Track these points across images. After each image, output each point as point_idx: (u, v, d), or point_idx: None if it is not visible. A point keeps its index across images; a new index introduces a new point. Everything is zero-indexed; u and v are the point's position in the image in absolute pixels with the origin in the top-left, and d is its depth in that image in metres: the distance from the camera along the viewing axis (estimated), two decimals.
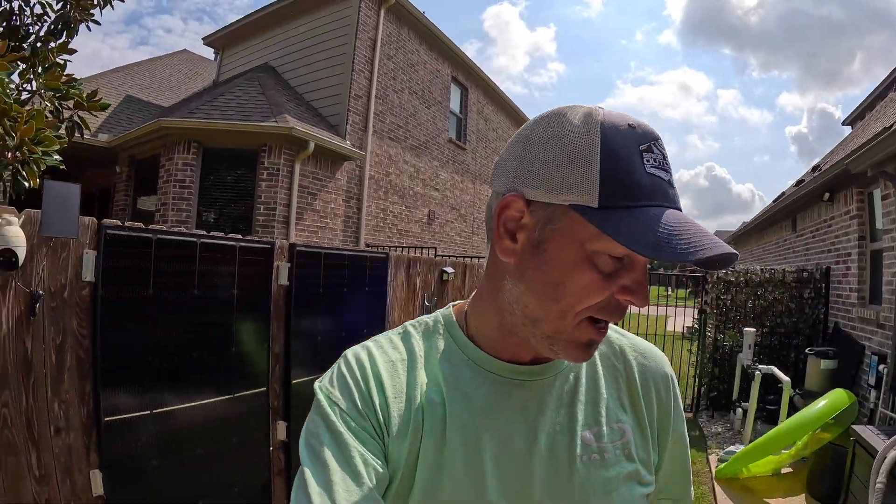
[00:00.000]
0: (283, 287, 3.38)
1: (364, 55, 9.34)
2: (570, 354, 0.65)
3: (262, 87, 8.70)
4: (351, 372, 0.69)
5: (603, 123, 0.60)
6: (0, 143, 2.18)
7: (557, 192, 0.60)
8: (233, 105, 8.21)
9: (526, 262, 0.64)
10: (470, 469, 0.66)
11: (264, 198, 7.98)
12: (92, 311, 2.43)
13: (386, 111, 9.99)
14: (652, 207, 0.58)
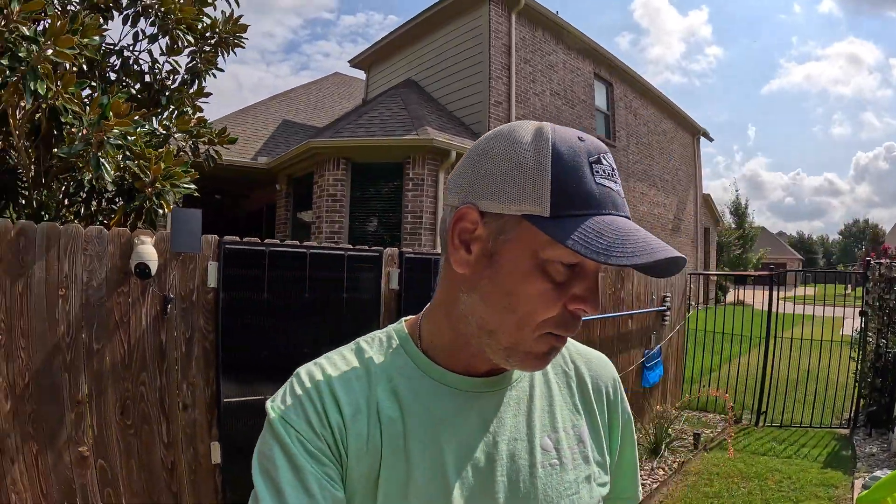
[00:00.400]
0: (393, 291, 3.54)
1: (500, 61, 9.44)
2: (528, 365, 0.66)
3: (405, 102, 9.15)
4: (305, 390, 0.68)
5: (554, 137, 0.62)
6: (138, 181, 2.56)
7: (510, 202, 0.61)
8: (376, 122, 8.75)
9: (480, 272, 0.65)
10: (434, 483, 0.67)
11: (411, 207, 8.38)
12: (215, 311, 2.81)
13: (528, 115, 10.01)
14: (602, 215, 0.60)
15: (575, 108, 11.29)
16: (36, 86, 2.00)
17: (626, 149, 13.07)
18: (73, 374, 2.27)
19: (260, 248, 3.00)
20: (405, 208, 8.44)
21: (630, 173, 13.20)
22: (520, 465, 0.71)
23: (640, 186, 13.89)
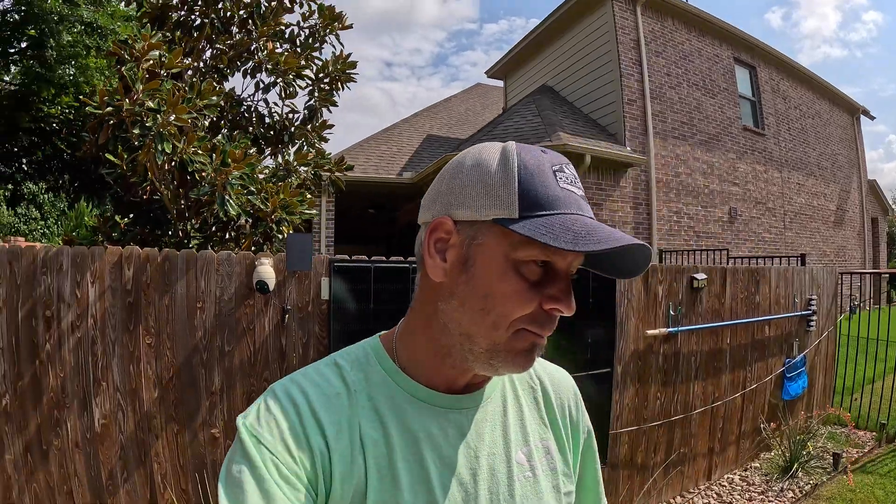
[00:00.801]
0: None
1: (630, 58, 9.12)
2: (515, 364, 0.68)
3: (538, 109, 9.24)
4: (283, 409, 0.67)
5: (518, 150, 0.68)
6: (261, 211, 3.08)
7: (481, 209, 0.65)
8: (511, 131, 8.94)
9: (456, 279, 0.67)
10: (420, 501, 0.68)
11: None
12: (328, 320, 3.23)
13: (665, 110, 9.50)
14: (567, 215, 0.64)
15: (716, 97, 10.46)
16: (163, 146, 2.57)
17: (776, 136, 11.75)
18: (208, 370, 2.82)
19: (366, 265, 3.39)
20: None
21: (783, 163, 11.82)
22: (499, 478, 0.73)
23: (795, 176, 12.36)
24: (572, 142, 8.13)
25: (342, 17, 3.90)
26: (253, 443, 0.64)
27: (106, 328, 2.85)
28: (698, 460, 4.33)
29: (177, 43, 3.36)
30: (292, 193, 3.32)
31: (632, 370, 3.93)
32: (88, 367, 2.79)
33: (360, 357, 0.75)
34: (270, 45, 3.50)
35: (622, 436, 3.86)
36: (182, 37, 3.48)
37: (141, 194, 3.15)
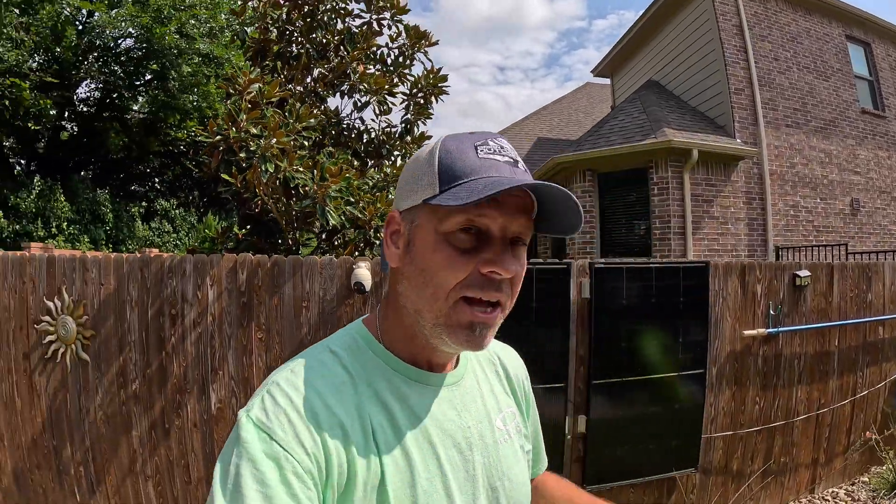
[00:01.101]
0: (585, 300, 3.81)
1: (733, 45, 8.66)
2: (460, 339, 0.72)
3: (644, 106, 9.06)
4: (292, 403, 0.66)
5: (445, 137, 0.76)
6: (360, 220, 3.40)
7: (414, 195, 0.73)
8: (616, 129, 8.84)
9: (405, 261, 0.75)
10: (436, 478, 0.73)
11: (658, 212, 8.27)
12: None
13: (775, 97, 8.92)
14: (481, 178, 0.69)
15: (829, 80, 9.61)
16: (266, 166, 2.95)
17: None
18: None
19: None
20: (652, 214, 8.33)
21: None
22: (487, 443, 0.82)
23: None
24: (678, 137, 7.91)
25: (428, 35, 4.15)
26: (262, 438, 0.63)
27: (223, 324, 3.28)
28: (800, 471, 4.11)
29: (279, 72, 3.76)
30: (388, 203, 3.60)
31: (727, 372, 3.84)
32: (207, 358, 3.22)
33: (352, 343, 0.78)
34: (361, 68, 3.81)
35: (716, 440, 3.78)
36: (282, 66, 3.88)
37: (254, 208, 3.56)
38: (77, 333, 3.70)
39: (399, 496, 0.68)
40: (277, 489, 0.60)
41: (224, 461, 0.64)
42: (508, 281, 0.73)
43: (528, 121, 13.71)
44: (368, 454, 0.68)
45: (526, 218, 0.73)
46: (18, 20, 7.07)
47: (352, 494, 0.66)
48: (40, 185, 7.88)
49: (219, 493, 0.61)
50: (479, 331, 0.72)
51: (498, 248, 0.71)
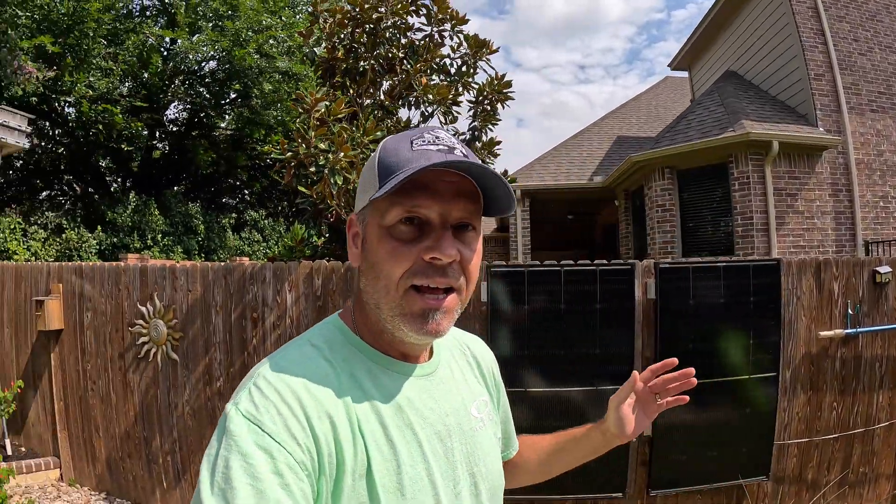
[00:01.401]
0: (651, 300, 3.79)
1: (810, 28, 8.15)
2: (416, 327, 0.75)
3: (721, 98, 8.75)
4: (280, 395, 0.67)
5: (386, 139, 0.81)
6: None
7: (363, 197, 0.79)
8: (694, 124, 8.59)
9: (362, 260, 0.80)
10: (419, 464, 0.75)
11: (739, 209, 7.98)
12: (488, 320, 3.58)
13: (858, 81, 8.31)
14: (412, 168, 0.71)
15: None
16: (335, 179, 3.14)
17: None
18: None
19: (520, 269, 3.69)
20: (734, 210, 8.02)
21: None
22: (465, 430, 0.84)
23: None
24: (756, 129, 7.59)
25: (488, 43, 4.25)
26: (253, 430, 0.63)
27: (300, 326, 3.51)
28: (880, 482, 3.87)
29: (347, 88, 3.97)
30: None
31: (802, 375, 3.71)
32: None
33: (331, 336, 0.80)
34: (424, 80, 3.95)
35: (790, 447, 3.66)
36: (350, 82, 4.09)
37: (329, 217, 3.77)
38: (167, 335, 4.05)
39: (385, 483, 0.70)
40: (269, 480, 0.60)
41: (210, 455, 0.63)
42: (458, 265, 0.75)
43: (606, 120, 13.41)
44: (355, 443, 0.69)
45: (466, 202, 0.76)
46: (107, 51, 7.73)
47: (341, 482, 0.67)
48: (135, 200, 8.61)
49: (206, 488, 0.60)
50: (433, 317, 0.74)
51: (438, 235, 0.73)
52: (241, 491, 0.59)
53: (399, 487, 0.71)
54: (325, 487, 0.66)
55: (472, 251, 0.77)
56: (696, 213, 8.60)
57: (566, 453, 1.14)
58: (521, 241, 10.87)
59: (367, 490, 0.69)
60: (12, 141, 4.31)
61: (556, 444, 1.14)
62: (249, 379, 0.71)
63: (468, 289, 0.79)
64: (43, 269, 4.43)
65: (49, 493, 4.06)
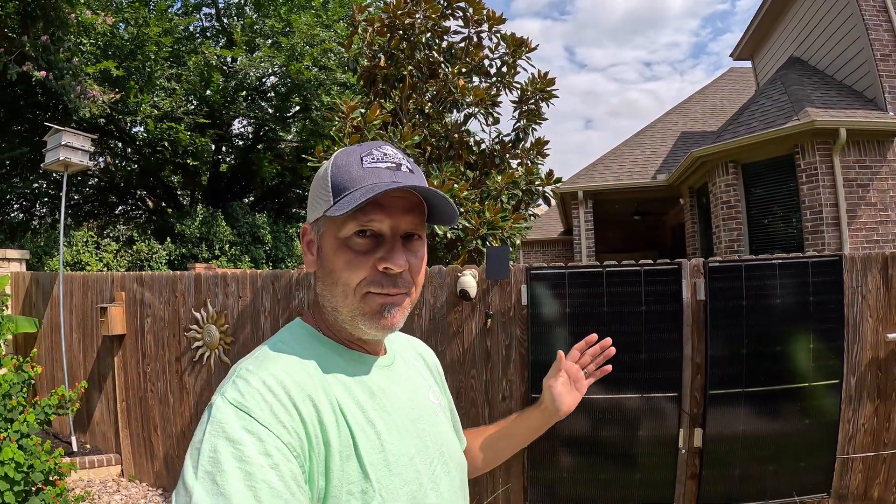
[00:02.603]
0: (700, 302, 3.61)
1: (871, 4, 7.46)
2: (373, 325, 0.82)
3: (784, 86, 8.27)
4: (265, 384, 0.70)
5: (338, 152, 0.85)
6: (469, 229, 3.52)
7: (317, 209, 0.84)
8: (757, 115, 8.16)
9: (318, 266, 0.85)
10: (399, 442, 0.80)
11: (808, 202, 7.51)
12: (528, 323, 3.51)
13: None
14: (362, 187, 0.78)
15: None
16: None
17: None
18: None
19: (560, 271, 3.59)
20: (802, 204, 7.54)
21: None
22: (428, 416, 0.91)
23: None
24: (822, 116, 7.10)
25: (527, 41, 4.17)
26: (240, 416, 0.65)
27: None
28: None
29: (390, 95, 4.00)
30: (494, 212, 3.68)
31: (868, 382, 3.43)
32: None
33: (299, 336, 0.85)
34: (461, 82, 3.92)
35: (854, 462, 3.38)
36: (390, 89, 4.11)
37: None
38: (220, 339, 4.19)
39: (373, 461, 0.74)
40: (258, 462, 0.62)
41: (195, 443, 0.65)
42: (407, 273, 0.83)
43: (669, 116, 12.88)
44: (338, 424, 0.73)
45: (413, 215, 0.83)
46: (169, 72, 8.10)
47: (330, 462, 0.70)
48: (203, 212, 9.02)
49: (190, 473, 0.62)
50: (388, 311, 0.81)
51: (389, 246, 0.80)
52: (230, 474, 0.60)
53: (385, 463, 0.75)
54: (315, 468, 0.69)
55: (419, 258, 0.85)
56: (763, 208, 8.14)
57: (511, 438, 1.20)
58: (585, 243, 10.60)
59: (357, 468, 0.72)
60: (76, 160, 4.56)
61: (500, 431, 1.21)
62: (232, 374, 0.74)
63: (417, 291, 0.86)
64: (107, 278, 4.68)
65: (109, 488, 4.27)
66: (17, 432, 3.66)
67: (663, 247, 13.26)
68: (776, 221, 8.06)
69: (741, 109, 9.01)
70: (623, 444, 3.48)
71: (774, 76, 9.13)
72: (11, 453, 3.55)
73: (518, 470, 3.56)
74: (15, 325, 4.61)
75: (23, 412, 3.77)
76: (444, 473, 0.88)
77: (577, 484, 3.52)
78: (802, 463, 3.39)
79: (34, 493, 3.69)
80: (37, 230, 8.15)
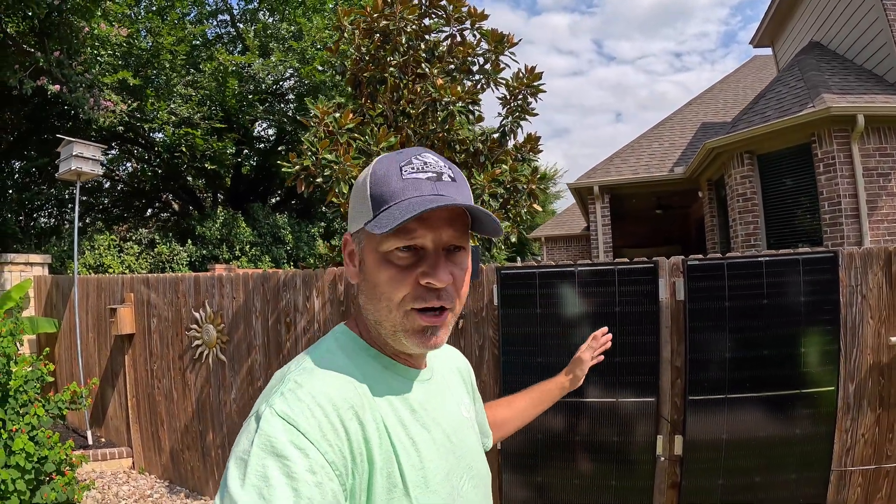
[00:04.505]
0: (680, 302, 3.14)
1: None
2: (417, 341, 0.75)
3: (801, 72, 7.44)
4: (314, 398, 0.65)
5: (375, 163, 0.78)
6: None
7: (358, 221, 0.77)
8: (772, 103, 7.39)
9: (361, 279, 0.78)
10: (437, 459, 0.76)
11: (826, 193, 6.75)
12: (500, 324, 3.15)
13: None
14: (404, 200, 0.71)
15: None
16: (341, 188, 2.94)
17: None
18: None
19: (531, 271, 3.20)
20: (820, 195, 6.76)
21: None
22: (462, 430, 0.86)
23: None
24: (839, 102, 6.32)
25: (508, 37, 3.78)
26: (288, 430, 0.61)
27: (327, 330, 3.27)
28: None
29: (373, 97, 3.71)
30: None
31: (870, 390, 2.89)
32: None
33: (344, 345, 0.78)
34: (440, 81, 3.55)
35: (852, 475, 2.85)
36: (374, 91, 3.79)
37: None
38: (217, 338, 3.99)
39: (413, 478, 0.70)
40: (304, 479, 0.58)
41: (242, 453, 0.60)
42: (451, 287, 0.75)
43: (689, 107, 11.90)
44: (381, 441, 0.69)
45: (456, 227, 0.75)
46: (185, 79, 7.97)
47: (373, 479, 0.66)
48: (224, 214, 8.85)
49: (237, 484, 0.58)
50: (431, 332, 0.75)
51: (432, 261, 0.73)
52: (278, 489, 0.57)
53: (424, 481, 0.72)
54: (358, 484, 0.65)
55: (463, 270, 0.78)
56: (781, 201, 7.36)
57: (540, 405, 1.29)
58: (602, 238, 9.89)
59: (399, 485, 0.69)
60: (87, 169, 4.47)
61: (531, 401, 1.28)
62: (280, 383, 0.69)
63: (458, 304, 0.78)
64: (118, 280, 4.57)
65: (119, 479, 4.17)
66: (27, 424, 3.60)
67: (687, 242, 12.33)
68: (794, 214, 7.29)
69: (757, 97, 8.21)
70: (600, 450, 3.07)
71: (792, 62, 8.28)
72: (22, 444, 3.50)
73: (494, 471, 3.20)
74: (35, 326, 4.57)
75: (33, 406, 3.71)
76: (472, 488, 0.84)
77: (553, 490, 3.13)
78: (794, 475, 2.89)
79: (46, 482, 3.62)
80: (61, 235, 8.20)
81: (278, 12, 9.58)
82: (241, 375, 3.93)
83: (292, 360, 0.77)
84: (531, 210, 4.02)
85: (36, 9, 4.99)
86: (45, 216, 10.50)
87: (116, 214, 11.30)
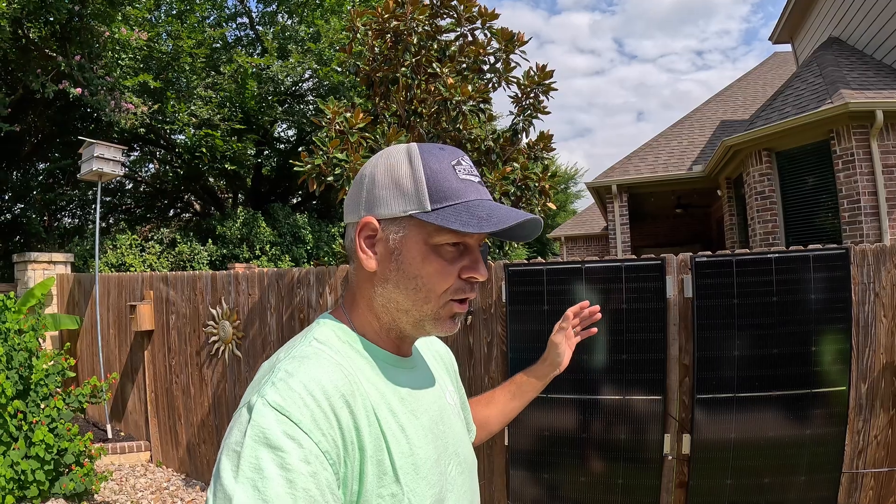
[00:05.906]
0: (688, 299, 3.12)
1: None
2: (443, 327, 0.79)
3: (820, 67, 7.30)
4: (306, 387, 0.64)
5: (421, 152, 0.77)
6: None
7: (395, 206, 0.75)
8: (790, 100, 7.27)
9: (387, 267, 0.76)
10: (426, 445, 0.76)
11: (845, 191, 6.63)
12: (508, 320, 3.17)
13: None
14: (469, 201, 0.74)
15: None
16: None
17: None
18: None
19: (538, 268, 3.20)
20: (839, 193, 6.64)
21: None
22: (448, 415, 0.88)
23: None
24: (857, 98, 6.19)
25: (519, 35, 3.79)
26: (281, 421, 0.60)
27: None
28: None
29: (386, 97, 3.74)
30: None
31: (882, 390, 2.84)
32: None
33: (332, 336, 0.77)
34: (451, 81, 3.57)
35: (864, 478, 2.81)
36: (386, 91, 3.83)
37: None
38: (232, 335, 4.06)
39: (403, 465, 0.70)
40: (298, 469, 0.58)
41: (234, 445, 0.60)
42: None
43: (709, 105, 11.74)
44: (371, 429, 0.68)
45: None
46: (205, 81, 8.07)
47: (364, 466, 0.66)
48: (244, 214, 8.96)
49: (229, 476, 0.57)
50: (457, 319, 0.79)
51: (475, 257, 0.77)
52: (273, 481, 0.56)
53: (414, 467, 0.72)
54: (350, 473, 0.65)
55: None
56: (800, 198, 7.23)
57: (521, 396, 1.26)
58: (620, 237, 9.80)
59: (389, 472, 0.69)
60: (108, 170, 4.57)
61: (510, 393, 1.26)
62: (270, 373, 0.68)
63: None
64: (138, 278, 4.67)
65: (137, 472, 4.26)
66: (47, 416, 3.71)
67: (709, 240, 12.15)
68: (813, 212, 7.16)
69: (775, 94, 8.08)
70: (607, 447, 3.07)
71: (810, 58, 8.13)
72: (42, 436, 3.60)
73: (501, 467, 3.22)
74: (57, 323, 4.69)
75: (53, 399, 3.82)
76: (459, 473, 0.84)
77: (560, 487, 3.14)
78: (804, 477, 2.85)
79: (65, 473, 3.73)
80: (84, 235, 8.37)
81: (297, 14, 9.66)
82: (255, 371, 3.99)
83: (280, 350, 0.76)
84: (545, 208, 4.01)
85: (57, 14, 5.12)
86: (68, 216, 10.72)
87: (140, 215, 11.47)
